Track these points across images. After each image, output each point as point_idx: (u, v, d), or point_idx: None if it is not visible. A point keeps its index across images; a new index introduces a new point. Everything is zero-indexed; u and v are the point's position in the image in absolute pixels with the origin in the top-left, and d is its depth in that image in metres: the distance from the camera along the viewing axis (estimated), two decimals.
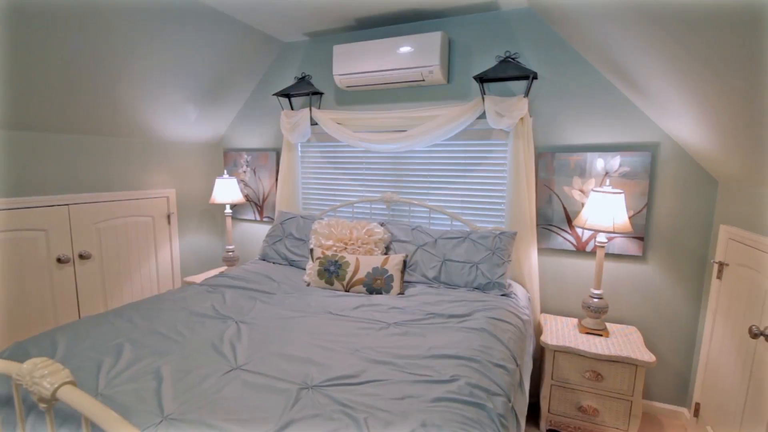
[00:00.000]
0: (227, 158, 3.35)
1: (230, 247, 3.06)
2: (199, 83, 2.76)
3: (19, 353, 1.36)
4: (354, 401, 1.13)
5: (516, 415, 1.30)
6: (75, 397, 0.83)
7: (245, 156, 3.25)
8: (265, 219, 3.25)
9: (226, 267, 3.15)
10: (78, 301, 2.51)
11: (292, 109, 2.98)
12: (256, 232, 3.34)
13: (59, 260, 2.39)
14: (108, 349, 1.40)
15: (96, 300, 2.60)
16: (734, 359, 1.74)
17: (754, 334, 1.50)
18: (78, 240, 2.48)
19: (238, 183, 3.24)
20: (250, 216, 3.31)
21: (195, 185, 3.24)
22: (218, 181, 2.99)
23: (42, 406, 0.88)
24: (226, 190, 2.98)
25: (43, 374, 0.86)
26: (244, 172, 3.28)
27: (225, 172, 3.10)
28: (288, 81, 3.03)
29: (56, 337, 1.47)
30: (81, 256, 2.50)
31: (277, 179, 3.13)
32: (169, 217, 3.04)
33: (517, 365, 1.49)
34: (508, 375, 1.36)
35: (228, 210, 3.05)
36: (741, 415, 1.65)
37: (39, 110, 2.13)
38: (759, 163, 1.48)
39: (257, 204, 3.27)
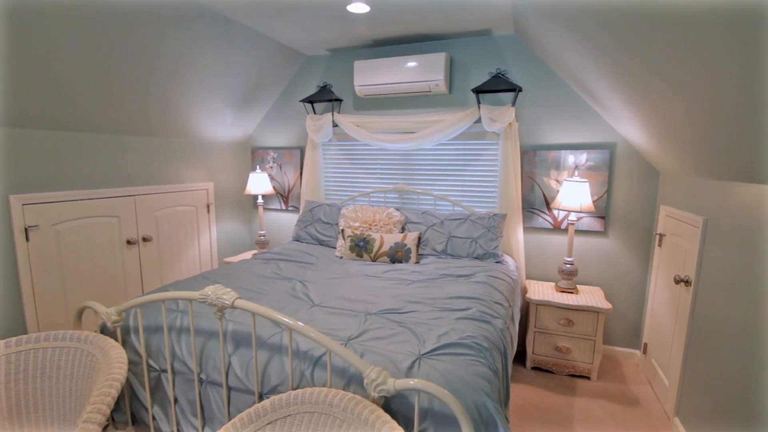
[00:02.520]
0: (255, 155, 3.84)
1: (262, 232, 3.56)
2: (236, 90, 3.24)
3: (177, 288, 1.88)
4: (403, 320, 1.68)
5: (510, 337, 1.87)
6: (245, 305, 1.36)
7: (272, 153, 3.75)
8: (290, 208, 3.76)
9: (257, 249, 3.64)
10: (141, 276, 2.98)
11: (315, 113, 3.49)
12: (281, 219, 3.84)
13: (128, 242, 2.86)
14: None
15: (154, 276, 3.08)
16: (667, 303, 2.36)
17: (677, 281, 2.11)
18: (142, 225, 2.96)
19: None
20: (276, 206, 3.81)
21: (228, 179, 3.72)
22: (251, 175, 3.48)
23: (218, 314, 1.40)
24: (259, 183, 3.48)
25: (221, 294, 1.37)
26: (271, 167, 3.77)
27: (257, 167, 3.60)
28: (310, 89, 3.54)
29: (184, 285, 1.97)
30: (144, 239, 2.98)
31: (301, 173, 3.64)
32: (208, 206, 3.53)
33: (510, 305, 2.06)
34: (503, 309, 1.93)
35: (260, 200, 3.54)
36: (671, 343, 2.26)
37: (113, 115, 2.60)
38: (685, 160, 2.07)
39: (283, 195, 3.77)
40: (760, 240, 1.46)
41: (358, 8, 2.39)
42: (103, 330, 1.76)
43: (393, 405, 1.24)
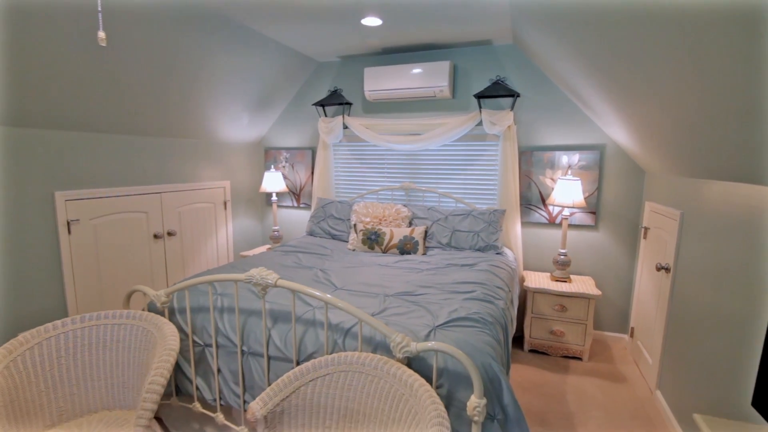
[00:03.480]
0: (267, 155, 4.06)
1: (276, 227, 3.78)
2: (253, 94, 3.46)
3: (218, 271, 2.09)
4: (417, 300, 1.92)
5: (510, 316, 2.11)
6: (286, 283, 1.59)
7: (284, 153, 3.97)
8: (301, 205, 3.99)
9: (271, 244, 3.86)
10: (166, 268, 3.20)
11: (326, 116, 3.72)
12: (293, 215, 4.07)
13: (155, 236, 3.08)
14: None
15: (177, 267, 3.30)
16: (650, 289, 2.61)
17: (658, 269, 2.36)
18: (167, 220, 3.17)
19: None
20: (288, 203, 4.04)
21: (242, 178, 3.94)
22: (266, 174, 3.71)
23: (261, 292, 1.63)
24: (273, 181, 3.70)
25: (265, 275, 1.60)
26: (284, 166, 4.00)
27: (271, 167, 3.82)
28: (321, 92, 3.76)
29: (216, 273, 2.19)
30: (169, 233, 3.19)
31: (312, 172, 3.87)
32: (225, 203, 3.75)
33: (509, 290, 2.31)
34: (504, 292, 2.17)
35: (274, 197, 3.77)
36: (654, 325, 2.51)
37: (141, 119, 2.82)
38: (665, 160, 2.32)
39: (295, 193, 4.00)
40: (727, 230, 1.71)
41: (372, 21, 2.62)
42: (150, 311, 1.98)
43: (414, 366, 1.47)
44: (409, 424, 1.23)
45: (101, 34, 1.06)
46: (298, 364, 1.65)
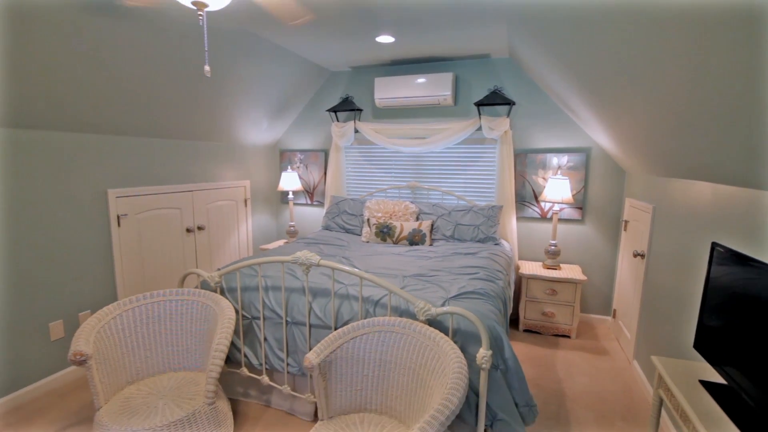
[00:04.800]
0: (283, 157, 4.39)
1: (292, 223, 4.12)
2: (272, 101, 3.80)
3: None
4: (430, 280, 2.28)
5: (508, 295, 2.47)
6: (327, 262, 1.93)
7: (299, 155, 4.31)
8: (315, 203, 4.33)
9: (288, 238, 4.20)
10: (196, 258, 3.53)
11: (338, 121, 4.06)
12: (306, 212, 4.41)
13: (188, 230, 3.41)
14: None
15: (205, 258, 3.62)
16: (629, 274, 2.99)
17: (634, 255, 2.74)
18: (197, 216, 3.50)
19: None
20: (302, 201, 4.38)
21: (260, 177, 4.27)
22: (284, 174, 4.04)
23: (305, 271, 1.98)
24: (290, 181, 4.04)
25: (309, 256, 1.95)
26: (298, 167, 4.33)
27: (288, 167, 4.15)
28: (333, 99, 4.11)
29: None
30: (199, 228, 3.52)
31: (325, 172, 4.21)
32: (246, 201, 4.08)
33: (507, 274, 2.67)
34: (503, 275, 2.54)
35: (291, 195, 4.10)
36: (631, 305, 2.89)
37: (172, 123, 3.15)
38: (642, 162, 2.69)
39: (308, 191, 4.34)
40: (683, 219, 2.09)
41: (385, 39, 2.98)
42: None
43: (433, 327, 1.83)
44: (434, 367, 1.59)
45: (207, 68, 1.40)
46: (335, 330, 2.00)
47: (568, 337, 3.24)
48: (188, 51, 2.63)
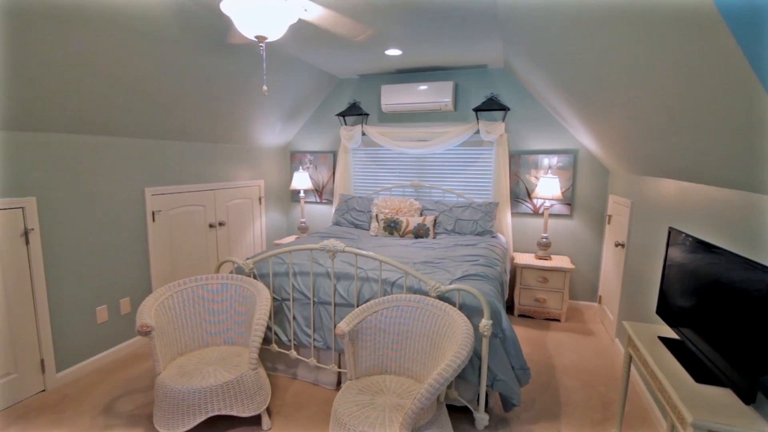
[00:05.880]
0: (293, 158, 4.70)
1: (303, 219, 4.43)
2: (286, 106, 4.11)
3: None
4: (437, 265, 2.61)
5: (505, 281, 2.80)
6: (351, 249, 2.25)
7: (308, 156, 4.62)
8: (324, 201, 4.64)
9: (299, 233, 4.50)
10: (217, 252, 3.82)
11: (346, 124, 4.38)
12: (316, 209, 4.72)
13: (210, 226, 3.71)
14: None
15: (225, 252, 3.92)
16: (612, 263, 3.34)
17: (616, 245, 3.10)
18: (219, 213, 3.80)
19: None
20: (312, 199, 4.69)
21: (272, 177, 4.58)
22: (296, 174, 4.35)
23: (332, 257, 2.29)
24: (301, 180, 4.35)
25: (335, 244, 2.26)
26: (308, 167, 4.64)
27: (299, 167, 4.46)
28: (341, 104, 4.42)
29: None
30: (220, 224, 3.82)
31: (334, 172, 4.52)
32: (260, 199, 4.38)
33: (503, 262, 3.01)
34: (500, 263, 2.87)
35: (302, 194, 4.41)
36: (614, 290, 3.24)
37: (195, 126, 3.45)
38: (622, 162, 3.04)
39: (318, 190, 4.65)
40: (655, 212, 2.44)
41: (394, 52, 3.30)
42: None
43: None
44: (445, 331, 1.91)
45: (265, 88, 1.71)
46: (357, 307, 2.32)
47: (558, 320, 3.58)
48: (206, 63, 2.93)
